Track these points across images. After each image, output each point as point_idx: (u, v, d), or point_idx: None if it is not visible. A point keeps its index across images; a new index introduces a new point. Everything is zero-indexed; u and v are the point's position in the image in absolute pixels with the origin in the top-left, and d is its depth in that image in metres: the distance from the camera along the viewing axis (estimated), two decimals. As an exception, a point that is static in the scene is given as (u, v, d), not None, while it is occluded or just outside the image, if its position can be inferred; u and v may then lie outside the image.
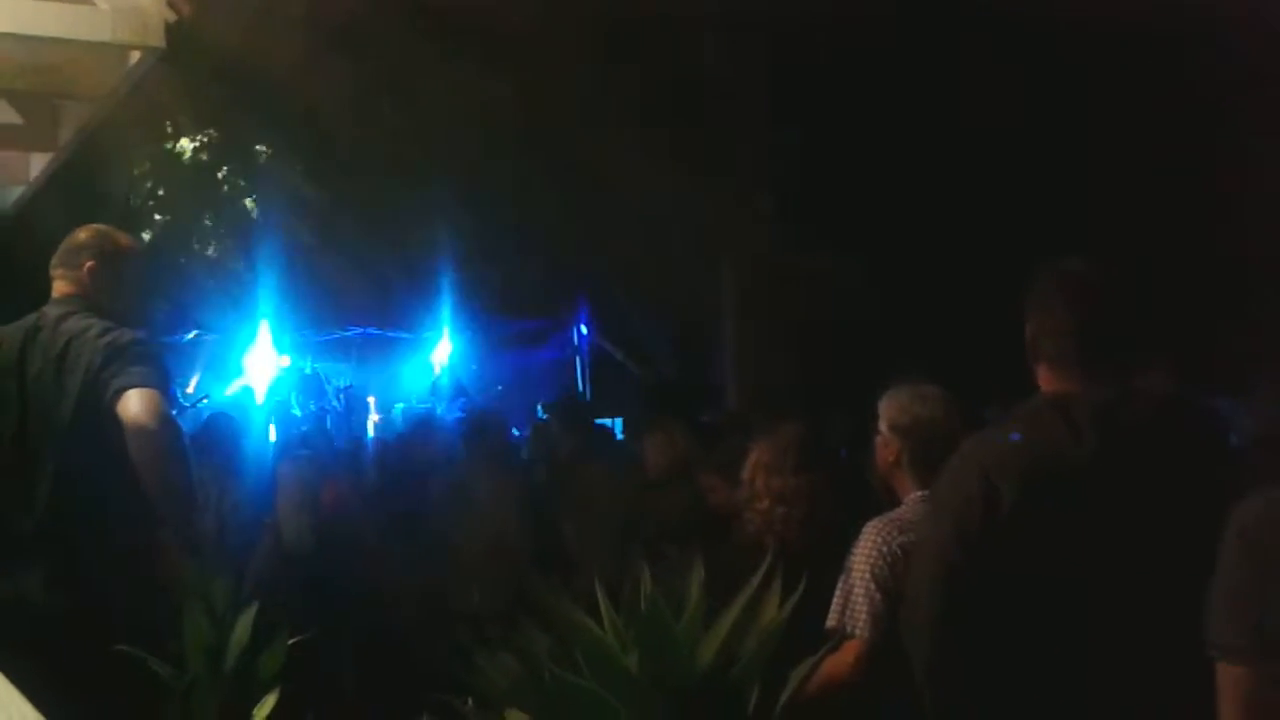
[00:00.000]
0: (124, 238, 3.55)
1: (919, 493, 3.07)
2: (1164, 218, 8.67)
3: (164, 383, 3.20)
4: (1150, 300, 2.53)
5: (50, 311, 3.34)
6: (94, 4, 3.86)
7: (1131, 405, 2.36)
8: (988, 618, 2.31)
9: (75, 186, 5.69)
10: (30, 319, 3.34)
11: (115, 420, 3.06)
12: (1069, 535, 2.30)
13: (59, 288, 3.41)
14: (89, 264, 3.41)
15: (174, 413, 3.29)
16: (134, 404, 3.03)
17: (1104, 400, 2.36)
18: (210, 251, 12.10)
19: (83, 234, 3.47)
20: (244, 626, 2.96)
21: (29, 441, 3.20)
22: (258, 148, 10.54)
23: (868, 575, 2.99)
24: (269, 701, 2.79)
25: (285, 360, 15.26)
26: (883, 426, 3.25)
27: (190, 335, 14.31)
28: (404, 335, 16.16)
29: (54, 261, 3.44)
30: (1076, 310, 2.43)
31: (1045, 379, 2.46)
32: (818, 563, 2.87)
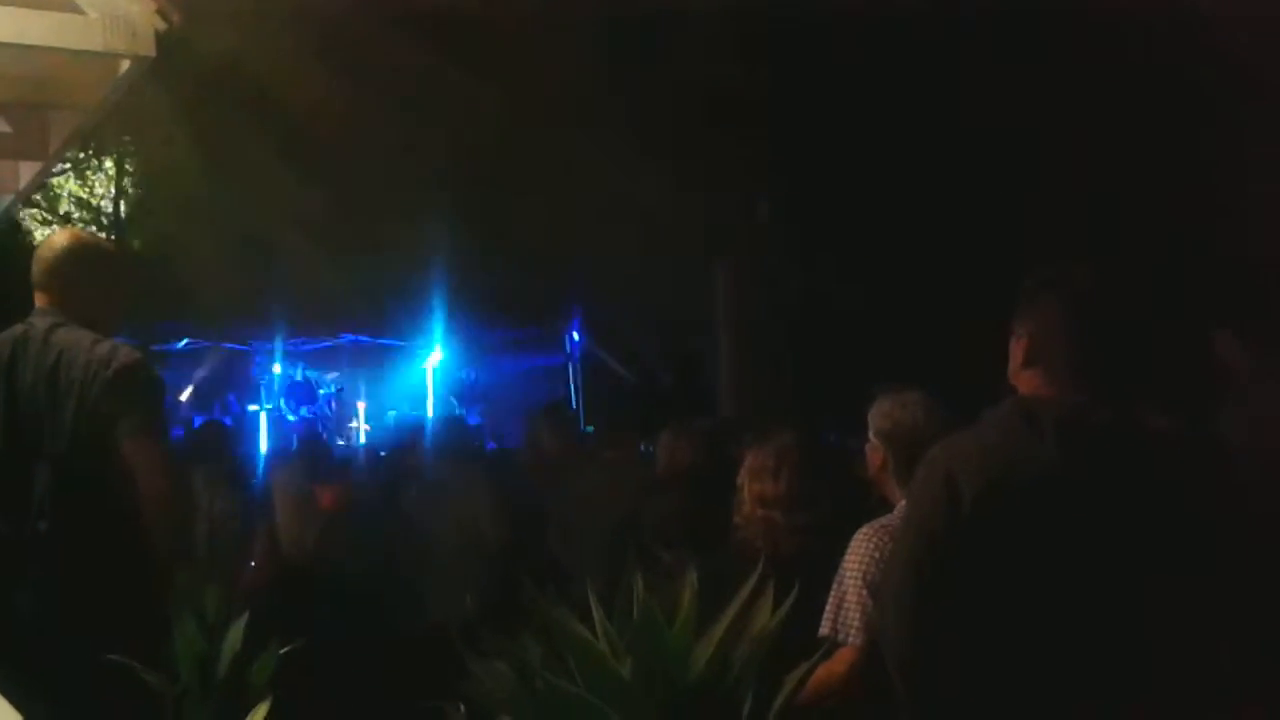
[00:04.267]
0: (103, 242, 3.52)
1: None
2: (1158, 219, 8.69)
3: (164, 415, 3.35)
4: (1148, 308, 2.53)
5: (38, 322, 3.31)
6: (84, 13, 3.85)
7: (1100, 412, 2.36)
8: (958, 619, 2.32)
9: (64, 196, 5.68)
10: (17, 329, 3.31)
11: (114, 445, 3.11)
12: (1027, 539, 2.31)
13: (41, 298, 3.38)
14: (69, 271, 3.38)
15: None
16: (146, 454, 3.14)
17: (1071, 405, 2.36)
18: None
19: (60, 239, 3.43)
20: (236, 634, 2.95)
21: (18, 453, 3.19)
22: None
23: (860, 581, 2.99)
24: (261, 710, 2.78)
25: (276, 368, 15.28)
26: (870, 433, 3.28)
27: (182, 344, 14.30)
28: (395, 343, 16.16)
29: (34, 269, 3.41)
30: (1073, 316, 2.43)
31: (1032, 383, 2.46)
32: (811, 569, 2.87)
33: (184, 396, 13.98)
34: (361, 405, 15.82)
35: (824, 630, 3.01)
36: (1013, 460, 2.34)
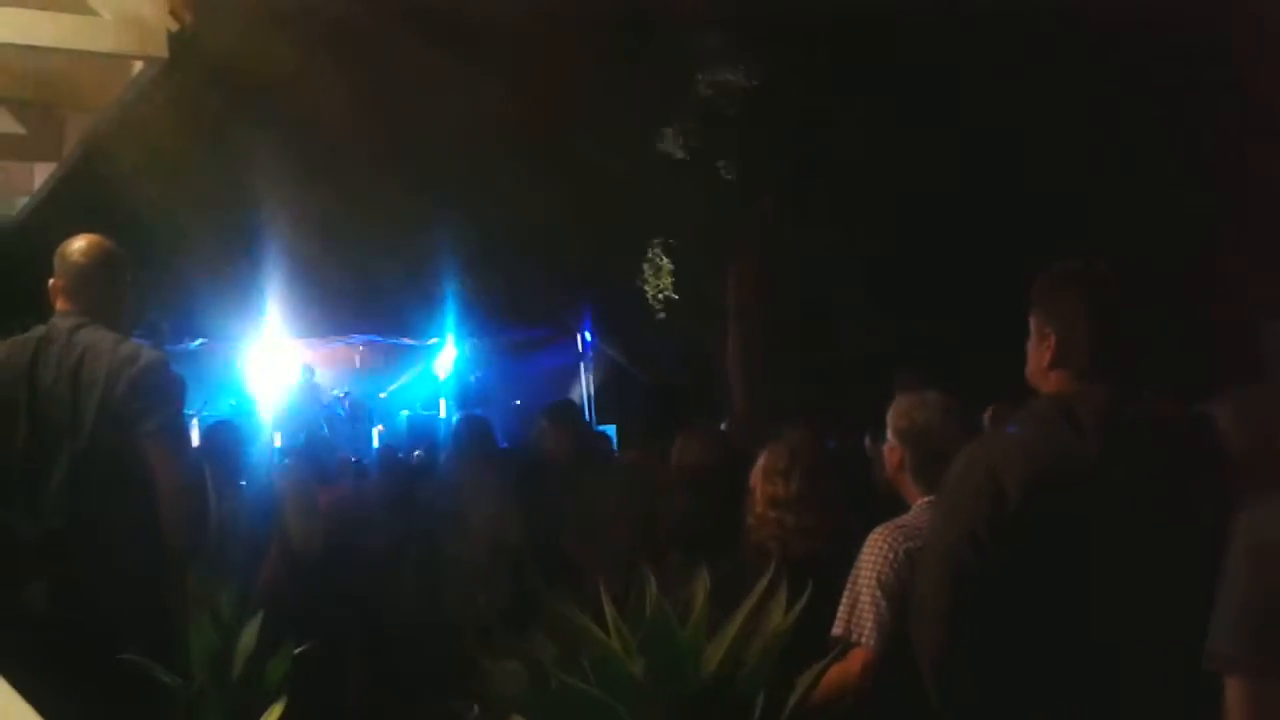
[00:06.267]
0: (117, 247, 3.57)
1: (924, 499, 3.08)
2: (1158, 219, 8.67)
3: (184, 415, 3.43)
4: (1159, 304, 2.53)
5: (60, 323, 3.36)
6: (96, 14, 3.86)
7: (1136, 408, 2.36)
8: (995, 616, 2.31)
9: (79, 196, 5.69)
10: (40, 330, 3.36)
11: (135, 444, 3.15)
12: (1072, 535, 2.31)
13: (62, 301, 3.42)
14: (92, 274, 3.43)
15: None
16: (167, 452, 3.20)
17: (1109, 402, 2.36)
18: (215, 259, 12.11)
19: (77, 244, 3.48)
20: (250, 635, 2.97)
21: (39, 451, 3.22)
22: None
23: (874, 583, 2.98)
24: (275, 710, 2.79)
25: (289, 368, 15.29)
26: (889, 433, 3.27)
27: (196, 344, 14.33)
28: (408, 343, 16.18)
29: (56, 272, 3.46)
30: (1098, 313, 2.42)
31: (1055, 381, 2.45)
32: (824, 570, 2.86)
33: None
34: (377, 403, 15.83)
35: (837, 631, 3.00)
36: (1056, 456, 2.34)
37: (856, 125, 9.26)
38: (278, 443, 13.98)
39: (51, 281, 3.46)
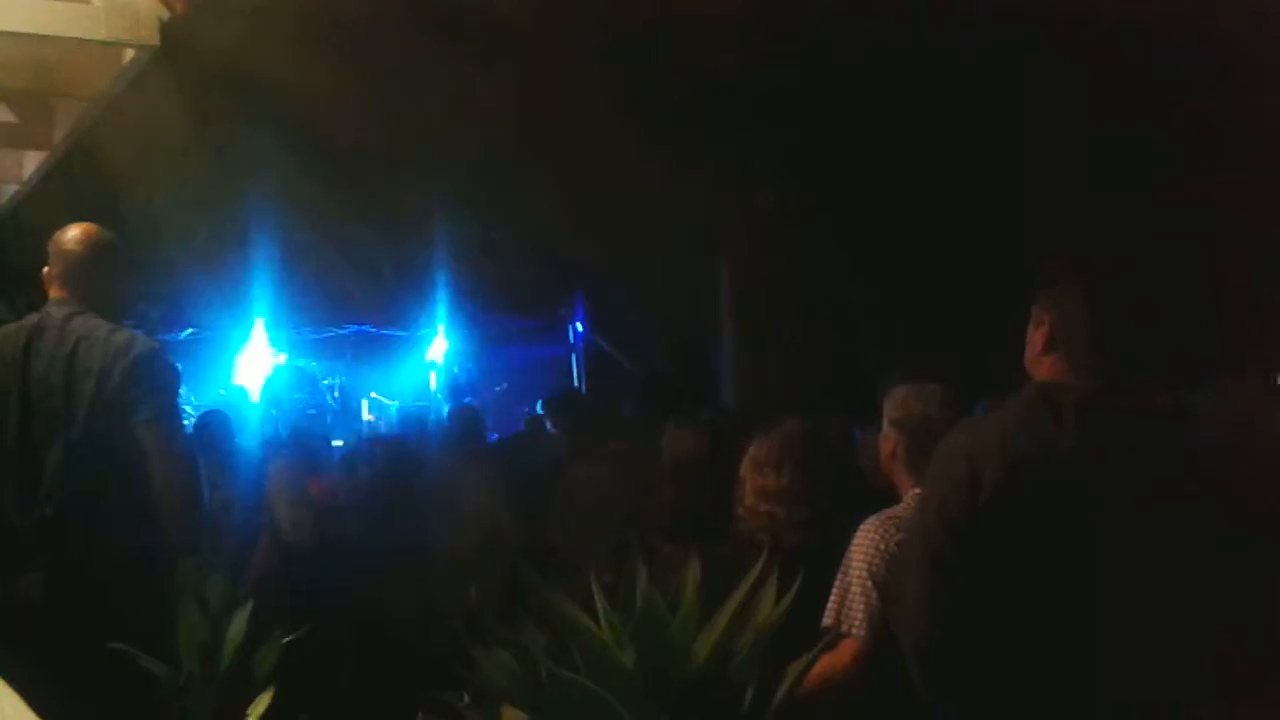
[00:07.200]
0: (112, 236, 3.57)
1: (916, 489, 3.08)
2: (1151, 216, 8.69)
3: (179, 403, 3.46)
4: (1160, 297, 2.53)
5: (54, 311, 3.37)
6: (88, 1, 3.86)
7: (1123, 398, 2.37)
8: (975, 603, 2.32)
9: (70, 185, 5.69)
10: (33, 318, 3.36)
11: (129, 433, 3.14)
12: (1046, 523, 2.32)
13: (55, 289, 3.42)
14: (85, 262, 3.43)
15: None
16: (161, 440, 3.23)
17: (1094, 391, 2.36)
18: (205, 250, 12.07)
19: (72, 232, 3.48)
20: (239, 624, 2.96)
21: (31, 439, 3.22)
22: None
23: (864, 574, 2.99)
24: (264, 699, 2.79)
25: (280, 358, 15.29)
26: (884, 421, 3.28)
27: (185, 334, 14.31)
28: (400, 333, 16.17)
29: (50, 261, 3.46)
30: (1094, 300, 2.43)
31: (1047, 367, 2.46)
32: (815, 561, 2.87)
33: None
34: (367, 398, 15.84)
35: (828, 621, 3.01)
36: (1033, 445, 2.35)
37: (857, 116, 9.25)
38: (268, 433, 14.00)
39: (45, 269, 3.46)
